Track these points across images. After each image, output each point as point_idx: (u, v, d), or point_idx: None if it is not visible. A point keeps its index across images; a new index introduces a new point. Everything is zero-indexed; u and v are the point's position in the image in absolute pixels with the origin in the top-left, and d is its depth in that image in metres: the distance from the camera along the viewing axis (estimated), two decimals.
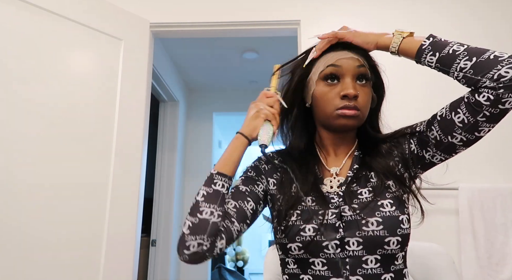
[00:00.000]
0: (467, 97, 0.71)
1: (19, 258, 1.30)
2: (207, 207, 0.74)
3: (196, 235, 0.72)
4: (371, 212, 0.73)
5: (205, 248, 0.72)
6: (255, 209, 0.82)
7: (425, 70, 0.92)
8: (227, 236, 0.76)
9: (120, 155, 1.64)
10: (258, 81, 3.59)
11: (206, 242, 0.72)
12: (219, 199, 0.75)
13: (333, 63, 0.80)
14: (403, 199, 0.77)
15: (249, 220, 0.81)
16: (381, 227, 0.72)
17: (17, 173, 1.34)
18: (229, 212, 0.78)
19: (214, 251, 0.74)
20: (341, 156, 0.86)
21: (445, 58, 0.73)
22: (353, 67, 0.79)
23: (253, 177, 0.86)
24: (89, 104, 1.59)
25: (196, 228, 0.72)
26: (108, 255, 1.53)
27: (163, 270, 2.95)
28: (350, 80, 0.78)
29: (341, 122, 0.78)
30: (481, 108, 0.69)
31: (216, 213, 0.74)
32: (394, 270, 0.73)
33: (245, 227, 0.81)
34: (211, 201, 0.74)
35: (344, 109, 0.77)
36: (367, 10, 1.93)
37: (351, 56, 0.80)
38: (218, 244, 0.74)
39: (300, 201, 0.78)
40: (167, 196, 3.10)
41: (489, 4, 1.89)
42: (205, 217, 0.72)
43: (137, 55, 1.80)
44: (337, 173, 0.83)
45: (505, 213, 1.59)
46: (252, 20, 1.96)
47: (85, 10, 1.62)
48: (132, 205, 1.66)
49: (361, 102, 0.78)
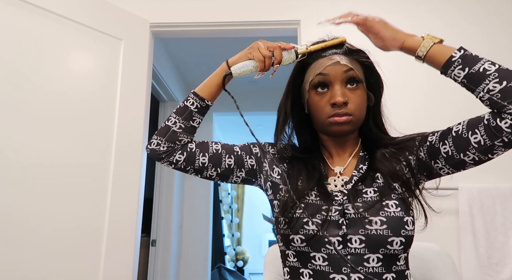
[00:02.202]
0: (488, 119, 0.70)
1: (23, 264, 1.30)
2: (173, 117, 0.87)
3: (158, 136, 0.87)
4: (375, 211, 0.73)
5: (162, 149, 0.86)
6: (232, 167, 0.89)
7: (423, 72, 0.93)
8: (188, 156, 0.87)
9: (120, 154, 1.64)
10: (258, 81, 3.59)
11: (164, 144, 0.86)
12: (185, 113, 0.87)
13: (320, 72, 0.80)
14: (408, 202, 0.77)
15: (219, 169, 0.88)
16: (384, 226, 0.72)
17: (17, 175, 1.34)
18: (208, 148, 0.89)
19: (170, 157, 0.86)
20: (345, 155, 0.86)
21: (474, 76, 0.71)
22: (340, 73, 0.79)
23: (252, 151, 0.91)
24: (89, 104, 1.59)
25: (160, 131, 0.87)
26: (108, 255, 1.53)
27: (163, 270, 2.95)
28: (339, 87, 0.78)
29: (335, 129, 0.79)
30: (500, 134, 0.68)
31: (178, 124, 0.87)
32: (396, 270, 0.73)
33: (212, 171, 0.88)
34: (178, 113, 0.87)
35: (334, 117, 0.77)
36: (367, 10, 1.93)
37: (337, 61, 0.79)
38: (176, 155, 0.86)
39: (305, 195, 0.79)
40: (167, 196, 3.10)
41: (486, 9, 1.89)
42: (168, 124, 0.87)
43: (137, 55, 1.80)
44: (341, 172, 0.83)
45: (505, 213, 1.59)
46: (252, 20, 1.96)
47: (85, 10, 1.62)
48: (132, 205, 1.66)
49: (353, 107, 0.78)
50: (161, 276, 2.92)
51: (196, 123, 0.89)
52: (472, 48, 0.73)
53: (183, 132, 0.87)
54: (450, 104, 1.74)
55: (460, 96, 1.58)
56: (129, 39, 1.77)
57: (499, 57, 0.93)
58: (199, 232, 3.52)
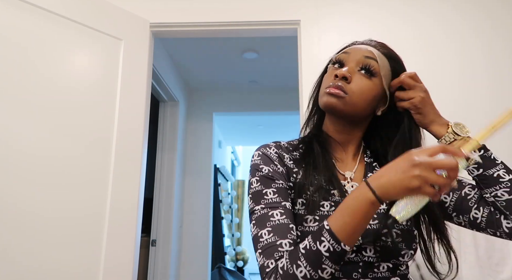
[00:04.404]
0: (495, 207, 0.74)
1: (24, 265, 1.30)
2: (303, 266, 0.61)
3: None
4: (391, 223, 0.70)
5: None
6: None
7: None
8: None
9: (120, 154, 1.64)
10: (258, 81, 3.58)
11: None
12: (318, 263, 0.60)
13: (344, 50, 0.80)
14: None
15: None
16: (399, 239, 0.71)
17: (16, 175, 1.34)
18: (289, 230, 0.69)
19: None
20: (348, 155, 0.83)
21: (487, 178, 0.73)
22: (360, 55, 0.78)
23: (288, 185, 0.75)
24: (89, 104, 1.59)
25: (286, 276, 0.62)
26: (108, 255, 1.53)
27: (163, 270, 2.95)
28: (351, 65, 0.77)
29: (324, 100, 0.76)
30: (498, 229, 0.72)
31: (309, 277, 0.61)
32: (399, 274, 0.74)
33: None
34: (310, 262, 0.61)
35: (329, 88, 0.76)
36: (366, 10, 1.93)
37: (366, 47, 0.79)
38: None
39: (330, 194, 0.74)
40: (167, 196, 3.10)
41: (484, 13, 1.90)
42: (298, 275, 0.61)
43: (137, 55, 1.80)
44: (351, 177, 0.80)
45: None
46: (252, 20, 1.96)
47: (85, 10, 1.62)
48: (132, 205, 1.65)
49: (354, 88, 0.75)
50: (161, 276, 2.92)
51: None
52: (472, 48, 0.72)
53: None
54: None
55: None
56: (129, 39, 1.77)
57: (498, 59, 0.92)
58: (199, 232, 3.52)
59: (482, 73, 1.82)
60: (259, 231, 0.69)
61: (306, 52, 1.89)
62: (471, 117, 0.77)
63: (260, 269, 0.67)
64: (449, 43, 1.86)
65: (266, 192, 0.73)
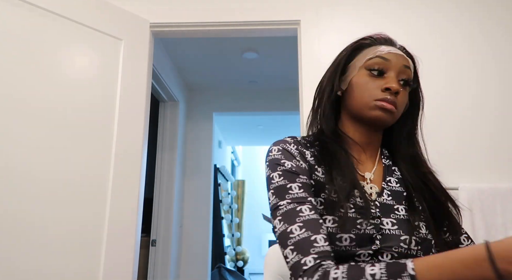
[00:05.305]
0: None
1: (24, 264, 1.31)
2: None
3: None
4: (411, 230, 0.71)
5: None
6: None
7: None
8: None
9: (120, 154, 1.64)
10: (258, 81, 3.59)
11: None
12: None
13: (383, 56, 0.77)
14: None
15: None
16: (418, 247, 0.71)
17: (16, 175, 1.34)
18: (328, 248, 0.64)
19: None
20: (367, 156, 0.82)
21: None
22: (401, 65, 0.77)
23: (307, 181, 0.73)
24: (89, 104, 1.59)
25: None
26: (108, 255, 1.53)
27: (163, 270, 2.95)
28: (394, 76, 0.76)
29: (376, 114, 0.75)
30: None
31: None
32: None
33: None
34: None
35: (383, 102, 0.74)
36: (367, 11, 1.93)
37: (401, 54, 0.78)
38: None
39: (349, 195, 0.73)
40: (167, 196, 3.10)
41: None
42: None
43: (137, 55, 1.80)
44: (371, 179, 0.79)
45: (505, 213, 1.59)
46: (252, 20, 1.96)
47: (85, 10, 1.62)
48: (132, 205, 1.66)
49: (400, 101, 0.76)
50: (161, 276, 2.92)
51: None
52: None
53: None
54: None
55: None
56: (129, 39, 1.77)
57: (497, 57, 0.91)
58: (199, 232, 3.52)
59: (481, 74, 1.82)
60: (287, 226, 0.66)
61: (306, 52, 1.89)
62: (477, 121, 0.76)
63: (294, 267, 0.62)
64: (448, 46, 1.86)
65: (290, 186, 0.70)
